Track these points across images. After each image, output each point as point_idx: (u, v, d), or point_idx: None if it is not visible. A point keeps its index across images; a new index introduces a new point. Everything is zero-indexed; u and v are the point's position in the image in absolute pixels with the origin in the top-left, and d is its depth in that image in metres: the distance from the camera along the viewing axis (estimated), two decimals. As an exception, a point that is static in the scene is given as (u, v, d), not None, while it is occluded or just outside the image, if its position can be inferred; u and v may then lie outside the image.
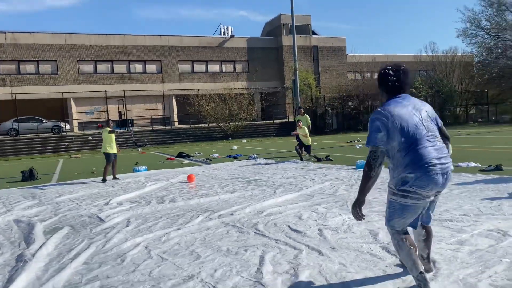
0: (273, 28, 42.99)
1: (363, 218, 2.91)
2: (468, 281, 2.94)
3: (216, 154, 16.42)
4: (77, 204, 7.12)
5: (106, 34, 35.12)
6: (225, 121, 30.92)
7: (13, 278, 3.52)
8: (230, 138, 29.82)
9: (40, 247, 4.44)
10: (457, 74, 40.04)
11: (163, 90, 36.24)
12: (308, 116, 14.25)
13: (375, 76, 28.27)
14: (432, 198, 2.77)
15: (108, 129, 10.06)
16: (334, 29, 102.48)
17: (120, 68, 35.60)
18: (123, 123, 31.35)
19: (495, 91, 37.86)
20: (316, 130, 30.77)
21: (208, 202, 6.60)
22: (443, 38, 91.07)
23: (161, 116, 36.81)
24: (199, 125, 32.33)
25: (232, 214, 5.56)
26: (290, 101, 38.99)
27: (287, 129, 33.11)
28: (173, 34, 38.31)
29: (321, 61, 42.66)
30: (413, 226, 2.89)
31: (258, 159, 13.34)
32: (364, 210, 5.25)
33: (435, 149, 2.69)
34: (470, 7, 57.26)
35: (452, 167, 2.77)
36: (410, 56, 46.78)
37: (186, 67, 38.73)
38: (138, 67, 36.44)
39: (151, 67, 37.05)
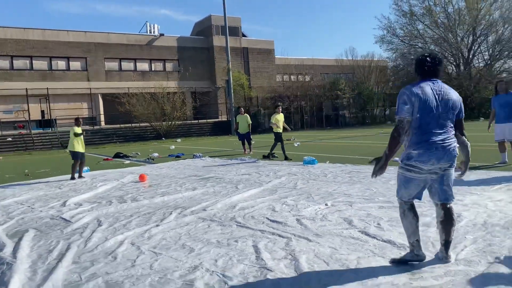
0: (204, 28, 42.93)
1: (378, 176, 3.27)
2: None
3: (156, 154, 16.15)
4: (29, 207, 6.72)
5: (24, 28, 32.63)
6: (158, 121, 30.31)
7: (5, 280, 3.37)
8: (163, 138, 29.31)
9: (15, 249, 4.24)
10: (374, 78, 43.17)
11: (90, 88, 34.47)
12: (248, 115, 14.61)
13: (304, 78, 29.47)
14: (440, 173, 3.11)
15: (76, 128, 10.07)
16: (262, 33, 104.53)
17: (40, 64, 33.29)
18: (46, 123, 29.39)
19: (409, 93, 41.30)
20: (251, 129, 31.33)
21: (173, 199, 6.63)
22: (362, 43, 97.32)
23: (87, 116, 35.03)
24: (130, 125, 31.31)
25: (205, 210, 5.68)
26: (223, 101, 39.25)
27: (221, 128, 33.33)
28: (99, 30, 36.67)
29: (251, 62, 43.45)
30: (418, 198, 3.24)
31: (203, 158, 13.40)
32: (330, 201, 5.68)
33: (440, 132, 3.07)
34: (386, 16, 61.96)
35: (456, 145, 3.13)
36: (332, 60, 49.39)
37: (113, 65, 37.30)
38: (61, 64, 34.35)
39: (75, 64, 35.13)
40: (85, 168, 11.49)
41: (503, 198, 5.25)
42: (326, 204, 5.51)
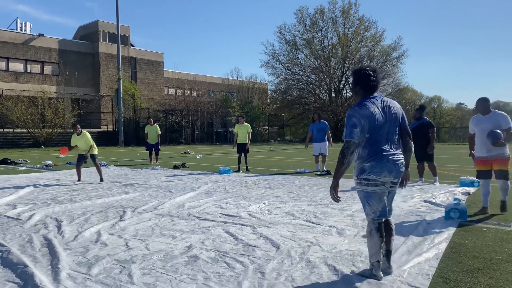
0: (89, 33, 41.10)
1: (339, 200, 3.26)
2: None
3: (49, 162, 15.32)
4: (-48, 207, 6.34)
5: None
6: (37, 127, 28.04)
7: (18, 262, 3.58)
8: (42, 146, 27.21)
9: (-9, 241, 4.31)
10: (256, 99, 46.21)
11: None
12: (157, 126, 14.91)
13: (193, 93, 30.36)
14: (388, 188, 3.24)
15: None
16: (154, 47, 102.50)
17: None
18: None
19: (289, 115, 45.21)
20: (139, 141, 30.90)
21: (115, 201, 6.92)
22: (246, 65, 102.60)
23: None
24: (1, 130, 28.30)
25: (156, 208, 6.18)
26: (108, 110, 37.84)
27: (107, 138, 32.14)
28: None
29: (138, 73, 42.83)
30: (385, 214, 3.27)
31: (109, 167, 13.30)
32: (267, 201, 6.65)
33: (388, 147, 3.21)
34: (271, 42, 66.69)
35: (403, 161, 3.27)
36: (219, 78, 51.41)
37: (-20, 62, 33.40)
38: None
39: None
40: (-18, 173, 10.64)
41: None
42: (264, 203, 6.49)
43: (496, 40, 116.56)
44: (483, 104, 5.68)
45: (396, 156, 3.23)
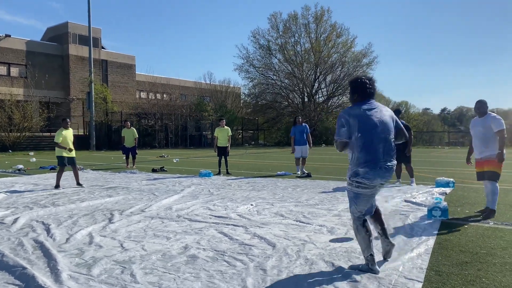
0: (58, 35, 40.10)
1: None
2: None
3: (21, 166, 14.86)
4: None
5: None
6: (4, 131, 27.07)
7: (13, 265, 3.52)
8: (10, 150, 26.30)
9: (-20, 245, 4.19)
10: (230, 103, 46.24)
11: None
12: (134, 129, 14.77)
13: (166, 97, 30.05)
14: (377, 188, 3.47)
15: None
16: (126, 50, 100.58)
17: None
18: None
19: (263, 119, 45.46)
20: (111, 145, 30.34)
21: (100, 204, 6.83)
22: (220, 69, 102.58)
23: None
24: (-35, 134, 27.17)
25: (143, 211, 6.15)
26: (78, 113, 36.95)
27: (78, 143, 31.25)
28: None
29: (110, 75, 42.08)
30: (370, 212, 3.48)
31: (86, 170, 13.04)
32: (254, 202, 6.71)
33: (383, 150, 3.34)
34: (246, 46, 66.94)
35: (395, 165, 3.45)
36: (191, 82, 51.15)
37: None
38: None
39: None
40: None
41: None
42: (252, 204, 6.56)
43: (460, 48, 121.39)
44: (478, 107, 5.75)
45: (390, 163, 3.40)
